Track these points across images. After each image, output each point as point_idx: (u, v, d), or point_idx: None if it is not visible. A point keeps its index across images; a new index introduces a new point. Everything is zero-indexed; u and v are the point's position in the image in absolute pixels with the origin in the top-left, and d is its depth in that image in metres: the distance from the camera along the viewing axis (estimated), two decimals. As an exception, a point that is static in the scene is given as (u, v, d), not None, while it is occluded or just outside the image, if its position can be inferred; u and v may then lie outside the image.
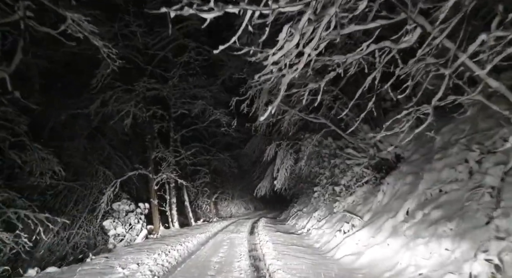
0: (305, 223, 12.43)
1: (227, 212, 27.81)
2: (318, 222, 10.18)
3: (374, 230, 6.11)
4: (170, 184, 14.09)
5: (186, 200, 18.30)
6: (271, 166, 17.88)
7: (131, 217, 11.95)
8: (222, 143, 22.07)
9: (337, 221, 8.67)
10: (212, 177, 21.72)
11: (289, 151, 11.89)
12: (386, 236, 5.54)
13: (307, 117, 10.18)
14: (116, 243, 11.21)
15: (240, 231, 12.39)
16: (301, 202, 18.08)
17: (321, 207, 11.80)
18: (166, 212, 13.85)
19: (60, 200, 15.18)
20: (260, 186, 17.77)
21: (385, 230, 5.69)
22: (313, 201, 14.19)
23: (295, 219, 14.63)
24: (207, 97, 13.56)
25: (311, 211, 13.29)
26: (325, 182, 11.99)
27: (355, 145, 9.17)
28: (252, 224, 16.79)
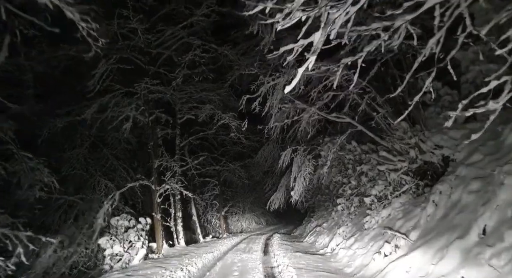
0: (327, 240, 10.79)
1: (238, 227, 26.15)
2: (345, 240, 8.58)
3: (432, 254, 4.55)
4: (175, 196, 12.73)
5: (194, 214, 16.87)
6: (285, 176, 16.37)
7: (131, 234, 10.57)
8: (232, 152, 20.73)
9: (371, 240, 7.08)
10: (221, 189, 20.30)
11: (307, 157, 10.43)
12: (455, 264, 3.99)
13: (329, 117, 8.78)
14: (113, 264, 9.81)
15: (253, 250, 10.83)
16: (318, 216, 16.39)
17: (346, 222, 10.18)
18: (171, 227, 12.42)
19: (59, 216, 14.04)
20: (273, 198, 16.22)
21: (451, 255, 4.13)
22: (335, 215, 12.56)
23: (314, 236, 12.97)
24: (215, 102, 12.32)
25: (333, 226, 11.65)
26: (349, 192, 10.42)
27: (389, 147, 7.66)
28: (266, 241, 15.15)
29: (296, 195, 10.22)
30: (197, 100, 12.84)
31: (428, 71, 4.07)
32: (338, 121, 9.41)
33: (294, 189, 10.28)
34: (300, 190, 10.21)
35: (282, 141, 16.79)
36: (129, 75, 10.44)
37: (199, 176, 20.29)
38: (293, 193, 10.32)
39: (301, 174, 10.22)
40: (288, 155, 10.55)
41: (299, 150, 10.57)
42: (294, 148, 10.64)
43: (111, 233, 10.07)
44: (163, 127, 12.54)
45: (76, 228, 13.55)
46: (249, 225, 27.48)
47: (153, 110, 10.66)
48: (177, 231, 12.55)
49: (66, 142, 13.54)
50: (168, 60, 11.12)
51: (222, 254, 9.99)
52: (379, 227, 7.39)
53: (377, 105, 7.94)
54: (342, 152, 10.66)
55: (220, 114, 12.05)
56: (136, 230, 10.71)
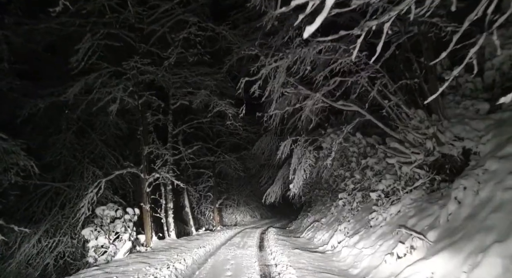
0: (327, 237, 10.11)
1: (232, 220, 25.53)
2: (348, 237, 7.88)
3: (462, 260, 3.85)
4: (166, 186, 11.95)
5: (186, 205, 16.13)
6: (283, 168, 15.67)
7: (118, 225, 9.79)
8: (228, 144, 19.97)
9: (379, 238, 6.38)
10: (216, 181, 19.57)
11: (308, 148, 9.69)
12: (497, 274, 3.28)
13: (335, 105, 8.01)
14: (97, 257, 9.04)
15: (248, 245, 10.13)
16: (315, 211, 15.77)
17: (348, 218, 9.50)
18: (161, 219, 11.66)
19: (44, 203, 13.21)
20: (269, 192, 15.51)
21: (490, 262, 3.42)
22: (334, 210, 11.90)
23: (312, 231, 12.30)
24: (211, 87, 11.47)
25: (333, 222, 10.98)
26: (352, 187, 9.73)
27: (401, 138, 6.93)
28: (261, 235, 14.47)
29: (295, 188, 9.51)
30: (192, 85, 11.99)
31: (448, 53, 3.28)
32: (345, 110, 8.65)
33: (293, 182, 9.57)
34: (300, 183, 9.50)
35: (281, 132, 16.06)
36: (118, 54, 9.55)
37: (193, 166, 19.52)
38: (292, 186, 9.62)
39: (301, 166, 9.49)
40: (287, 146, 9.79)
41: (300, 140, 9.81)
42: (295, 138, 9.87)
43: (95, 224, 9.27)
44: (154, 113, 11.69)
45: (62, 217, 12.77)
46: (243, 218, 26.87)
47: (143, 92, 9.78)
48: (167, 222, 11.80)
49: (51, 126, 12.65)
50: (161, 39, 10.22)
51: (214, 249, 9.27)
52: (387, 225, 6.70)
53: (389, 93, 7.18)
54: (345, 144, 9.94)
55: (216, 101, 11.23)
56: (123, 221, 9.93)
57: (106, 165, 13.55)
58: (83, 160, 13.58)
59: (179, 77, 11.97)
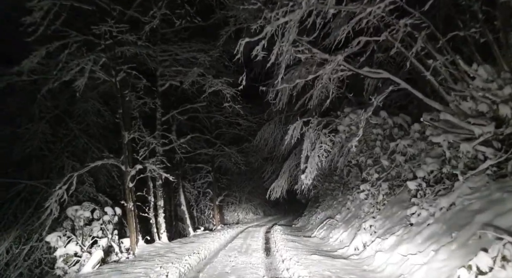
0: (345, 236, 8.39)
1: (234, 218, 23.84)
2: (379, 238, 6.13)
3: None
4: (156, 181, 10.21)
5: (183, 203, 14.41)
6: (288, 160, 13.91)
7: (95, 228, 8.07)
8: (227, 136, 18.19)
9: (430, 241, 4.63)
10: (215, 176, 17.82)
11: (323, 131, 7.93)
12: None
13: (359, 71, 6.25)
14: (67, 268, 7.31)
15: (252, 248, 8.39)
16: (326, 206, 14.03)
17: (371, 213, 7.76)
18: (150, 219, 9.93)
19: (16, 205, 11.50)
20: (274, 186, 13.77)
21: None
22: (351, 205, 10.15)
23: (325, 230, 10.56)
24: (205, 64, 9.71)
25: (351, 219, 9.24)
26: (376, 177, 7.97)
27: (453, 108, 5.15)
28: (266, 234, 12.76)
29: (307, 179, 7.77)
30: (183, 64, 10.23)
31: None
32: (371, 78, 6.87)
33: (306, 172, 7.82)
34: (314, 172, 7.76)
35: (286, 120, 14.33)
36: (90, 21, 7.77)
37: (190, 161, 17.77)
38: (304, 176, 7.88)
39: (315, 152, 7.74)
40: (297, 129, 8.01)
41: (312, 122, 8.03)
42: (306, 120, 8.10)
43: (65, 227, 7.54)
44: (140, 96, 9.94)
45: (37, 220, 11.04)
46: (245, 215, 25.20)
47: (121, 67, 8.00)
48: (158, 223, 10.07)
49: (21, 114, 10.91)
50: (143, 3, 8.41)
51: (211, 256, 7.53)
52: (438, 222, 4.94)
53: (435, 51, 5.40)
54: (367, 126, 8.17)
55: (211, 80, 9.46)
56: (101, 223, 8.21)
57: (88, 158, 11.79)
58: (61, 153, 11.86)
59: (168, 54, 10.22)
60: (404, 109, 9.08)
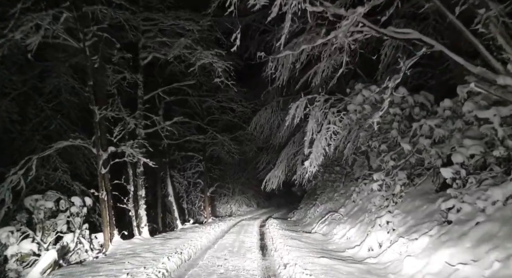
0: (354, 233, 7.18)
1: (227, 210, 22.61)
2: (407, 239, 4.87)
3: None
4: (136, 168, 8.82)
5: (170, 193, 13.07)
6: (286, 148, 12.61)
7: (59, 222, 6.70)
8: (220, 123, 16.79)
9: (487, 245, 3.40)
10: (207, 166, 16.46)
11: (331, 110, 6.62)
12: None
13: (383, 31, 4.91)
14: (21, 269, 5.96)
15: (245, 247, 7.12)
16: (326, 198, 12.83)
17: (387, 208, 6.52)
18: (129, 211, 8.57)
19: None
20: (270, 177, 12.50)
21: None
22: (357, 197, 8.94)
23: (327, 225, 9.35)
24: (194, 35, 8.29)
25: (358, 213, 8.03)
26: (392, 164, 6.70)
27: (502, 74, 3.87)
28: (261, 228, 11.54)
29: (312, 166, 6.48)
30: (169, 34, 8.78)
31: None
32: (398, 39, 5.54)
33: (310, 158, 6.53)
34: (320, 158, 6.47)
35: (284, 105, 12.97)
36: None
37: (180, 149, 16.38)
38: (308, 163, 6.59)
39: (321, 134, 6.45)
40: (301, 107, 6.68)
41: (319, 100, 6.71)
42: (311, 97, 6.76)
43: (19, 221, 6.15)
44: (119, 70, 8.49)
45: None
46: (239, 207, 24.00)
47: (90, 29, 6.52)
48: (138, 216, 8.72)
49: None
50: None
51: (196, 256, 6.23)
52: (492, 221, 3.70)
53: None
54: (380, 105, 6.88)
55: (201, 52, 8.04)
56: (68, 215, 6.83)
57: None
58: (32, 136, 10.38)
59: (152, 23, 8.74)
60: (420, 90, 7.83)
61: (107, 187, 7.38)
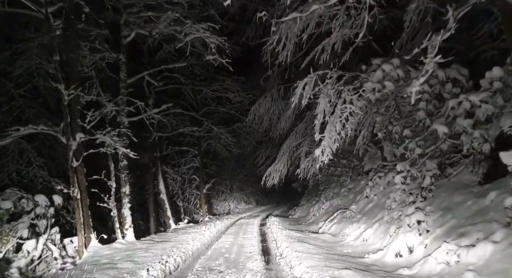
0: (371, 234, 6.05)
1: (225, 207, 21.47)
2: (454, 245, 3.72)
3: None
4: (120, 161, 7.62)
5: (162, 191, 11.88)
6: (289, 139, 11.41)
7: (20, 225, 5.49)
8: (217, 116, 15.56)
9: None
10: (203, 161, 15.25)
11: (346, 88, 5.45)
12: None
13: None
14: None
15: (245, 252, 5.95)
16: (331, 194, 11.68)
17: (415, 204, 5.37)
18: (111, 211, 7.36)
19: None
20: (270, 171, 11.37)
21: None
22: (370, 192, 7.80)
23: (336, 223, 8.21)
24: (184, 7, 7.07)
25: (376, 210, 6.88)
26: (418, 152, 5.54)
27: None
28: (261, 228, 10.39)
29: (325, 155, 5.31)
30: (155, 9, 7.55)
31: None
32: None
33: (322, 144, 5.36)
34: (334, 145, 5.29)
35: (285, 93, 11.75)
36: None
37: (174, 143, 15.18)
38: (319, 151, 5.40)
39: (335, 117, 5.28)
40: (310, 85, 5.50)
41: (331, 76, 5.54)
42: (323, 73, 5.59)
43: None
44: (97, 48, 7.26)
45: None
46: (237, 205, 22.86)
47: None
48: (122, 216, 7.52)
49: None
50: None
51: (184, 267, 5.04)
52: None
53: None
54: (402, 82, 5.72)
55: (190, 26, 6.83)
56: (33, 217, 5.63)
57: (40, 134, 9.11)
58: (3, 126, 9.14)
59: None
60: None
61: (82, 183, 6.18)
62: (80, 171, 6.15)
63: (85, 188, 6.33)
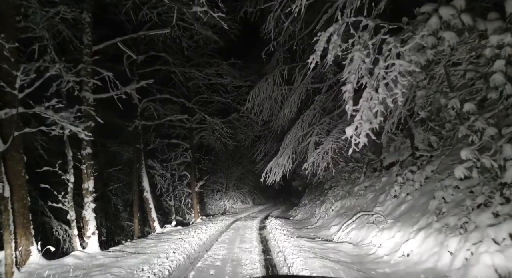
0: (418, 246, 4.30)
1: (220, 207, 19.68)
2: None
3: None
4: (82, 149, 5.78)
5: (146, 189, 10.05)
6: (293, 129, 9.62)
7: None
8: (212, 107, 13.75)
9: None
10: (195, 156, 13.42)
11: (391, 39, 3.71)
12: None
13: None
14: None
15: (242, 271, 4.17)
16: (341, 193, 9.89)
17: (489, 208, 3.63)
18: (68, 214, 5.53)
19: None
20: (271, 167, 9.56)
21: None
22: (400, 190, 6.06)
23: (356, 229, 6.46)
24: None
25: (416, 214, 5.13)
26: (491, 133, 3.80)
27: None
28: (261, 232, 8.63)
29: (364, 133, 3.47)
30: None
31: None
32: None
33: (356, 120, 3.56)
34: (375, 120, 3.50)
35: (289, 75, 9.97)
36: None
37: (163, 136, 13.38)
38: (351, 130, 3.58)
39: (377, 77, 3.50)
40: (338, 32, 3.73)
41: (365, 23, 3.78)
42: (355, 20, 3.83)
43: None
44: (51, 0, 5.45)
45: None
46: (233, 204, 21.11)
47: None
48: (83, 220, 5.68)
49: None
50: None
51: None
52: None
53: None
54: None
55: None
56: None
57: None
58: None
59: None
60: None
61: (16, 176, 4.35)
62: (13, 158, 4.32)
63: (24, 182, 4.50)
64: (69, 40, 6.53)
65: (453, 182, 4.63)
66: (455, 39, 3.71)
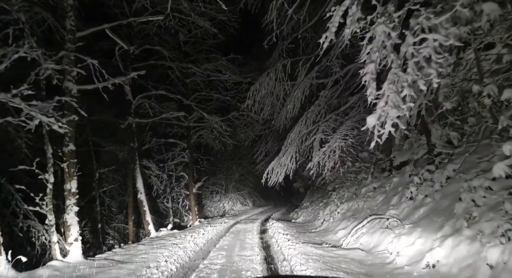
0: (445, 256, 3.67)
1: (219, 209, 19.01)
2: None
3: None
4: (64, 145, 5.14)
5: (140, 190, 9.40)
6: (297, 126, 8.99)
7: None
8: (210, 107, 13.11)
9: None
10: (193, 156, 12.78)
11: (419, 13, 3.12)
12: None
13: None
14: None
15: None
16: (347, 195, 9.24)
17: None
18: (47, 218, 4.87)
19: None
20: (273, 167, 8.92)
21: None
22: (416, 192, 5.42)
23: (367, 234, 5.82)
24: None
25: (438, 219, 4.50)
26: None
27: None
28: (262, 236, 7.98)
29: (390, 120, 2.84)
30: None
31: None
32: None
33: (379, 108, 2.92)
34: (404, 106, 2.85)
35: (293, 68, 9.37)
36: None
37: (160, 135, 12.76)
38: (374, 119, 2.96)
39: (404, 56, 2.87)
40: (354, 8, 3.13)
41: (388, -4, 3.20)
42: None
43: None
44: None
45: None
46: (233, 206, 20.44)
47: None
48: (64, 224, 5.03)
49: None
50: None
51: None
52: None
53: None
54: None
55: None
56: None
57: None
58: None
59: None
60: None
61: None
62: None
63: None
64: (55, 29, 5.94)
65: (484, 182, 4.01)
66: (497, 12, 3.10)
